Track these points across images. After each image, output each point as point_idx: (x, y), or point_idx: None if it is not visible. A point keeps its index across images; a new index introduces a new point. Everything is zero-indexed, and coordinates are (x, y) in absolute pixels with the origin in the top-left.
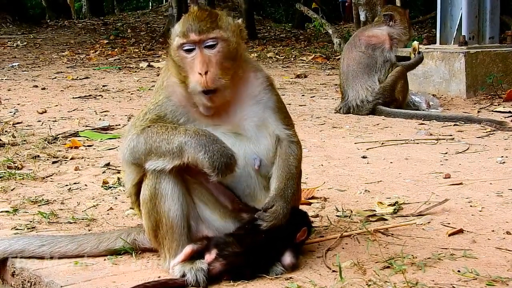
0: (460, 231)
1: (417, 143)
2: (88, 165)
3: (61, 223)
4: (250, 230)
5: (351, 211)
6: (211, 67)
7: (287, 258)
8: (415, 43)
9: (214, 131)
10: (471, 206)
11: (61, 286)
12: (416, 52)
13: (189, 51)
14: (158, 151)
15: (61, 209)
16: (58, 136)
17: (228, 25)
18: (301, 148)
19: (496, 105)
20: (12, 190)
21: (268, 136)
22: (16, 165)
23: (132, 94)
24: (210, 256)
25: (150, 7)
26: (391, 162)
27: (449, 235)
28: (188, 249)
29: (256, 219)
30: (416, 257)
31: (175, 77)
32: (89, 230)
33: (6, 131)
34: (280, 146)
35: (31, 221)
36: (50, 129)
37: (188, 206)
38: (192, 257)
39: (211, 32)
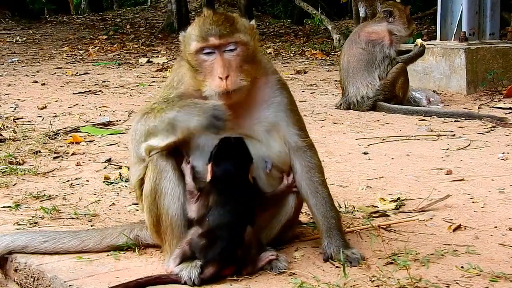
0: (460, 226)
1: (418, 139)
2: (89, 160)
3: (64, 218)
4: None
5: (354, 207)
6: (232, 71)
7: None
8: (419, 40)
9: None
10: (473, 202)
11: (64, 282)
12: (418, 47)
13: (208, 55)
14: (154, 131)
15: (63, 205)
16: (59, 131)
17: (245, 28)
18: (317, 153)
19: (496, 101)
20: (14, 185)
21: (278, 139)
22: (17, 160)
23: (132, 89)
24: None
25: (149, 3)
26: (392, 158)
27: (452, 231)
28: (177, 252)
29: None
30: (419, 253)
31: (190, 79)
32: (91, 226)
33: (7, 127)
34: (296, 156)
35: (33, 217)
36: (50, 124)
37: None
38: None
39: (231, 36)
